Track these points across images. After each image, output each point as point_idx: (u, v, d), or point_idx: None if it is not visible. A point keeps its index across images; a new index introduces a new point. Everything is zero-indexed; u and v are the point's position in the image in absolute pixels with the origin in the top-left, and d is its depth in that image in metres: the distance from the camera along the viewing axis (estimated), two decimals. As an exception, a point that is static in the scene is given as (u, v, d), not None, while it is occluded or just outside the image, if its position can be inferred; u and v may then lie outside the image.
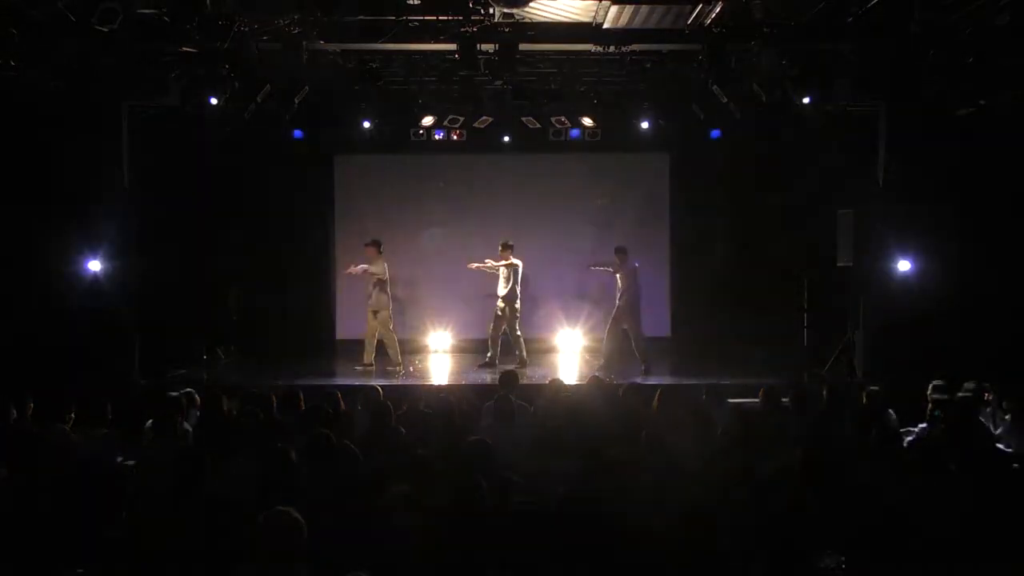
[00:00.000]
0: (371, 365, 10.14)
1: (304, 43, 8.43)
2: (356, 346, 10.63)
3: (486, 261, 10.50)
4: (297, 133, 11.25)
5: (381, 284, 10.14)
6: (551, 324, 12.42)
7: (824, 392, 6.68)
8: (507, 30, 8.32)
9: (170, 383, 9.20)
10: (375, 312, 10.14)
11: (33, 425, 6.00)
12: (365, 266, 10.07)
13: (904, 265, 8.92)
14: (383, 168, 12.69)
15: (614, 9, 7.82)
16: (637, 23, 8.31)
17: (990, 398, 6.60)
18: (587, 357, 11.75)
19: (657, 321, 12.10)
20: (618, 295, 10.23)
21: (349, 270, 10.24)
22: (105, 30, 7.36)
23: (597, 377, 7.26)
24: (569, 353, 12.14)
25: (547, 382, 6.89)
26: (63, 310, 8.79)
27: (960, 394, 6.60)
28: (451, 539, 3.46)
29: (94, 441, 5.55)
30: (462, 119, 11.56)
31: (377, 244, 10.18)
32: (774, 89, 9.98)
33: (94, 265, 8.83)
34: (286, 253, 12.65)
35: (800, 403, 6.22)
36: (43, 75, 8.21)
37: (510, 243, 10.44)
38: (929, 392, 6.66)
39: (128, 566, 3.34)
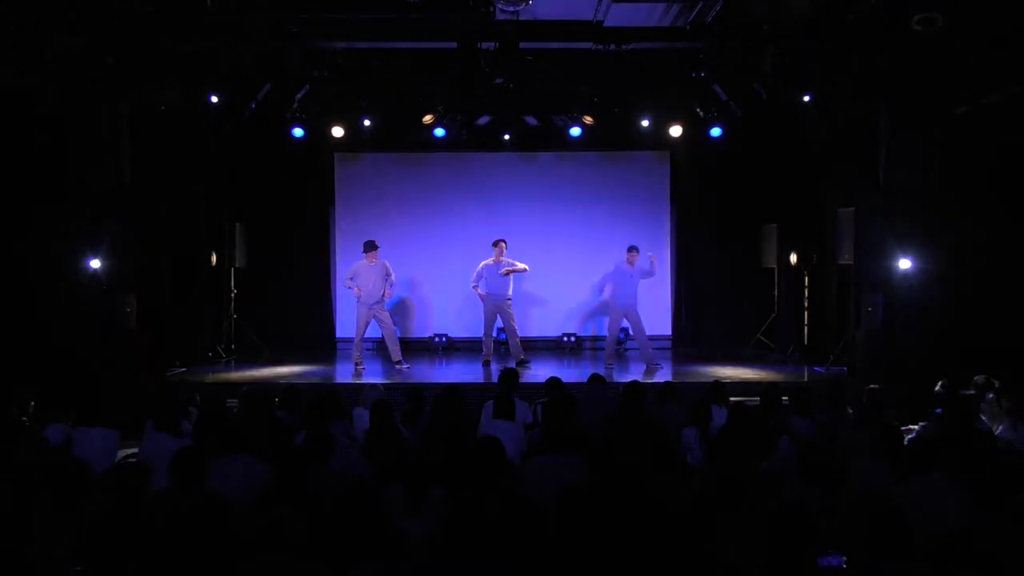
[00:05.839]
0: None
1: (305, 41, 8.45)
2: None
3: (514, 263, 10.49)
4: (297, 131, 11.23)
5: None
6: (551, 322, 12.43)
7: (824, 391, 6.69)
8: (508, 28, 8.32)
9: (171, 382, 9.23)
10: (382, 309, 10.16)
11: (34, 424, 6.02)
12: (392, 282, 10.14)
13: (904, 263, 8.92)
14: (383, 166, 12.70)
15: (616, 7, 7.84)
16: (639, 21, 8.32)
17: (992, 396, 6.60)
18: (587, 355, 11.77)
19: (658, 320, 12.12)
20: (632, 291, 10.23)
21: (390, 293, 10.24)
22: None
23: (597, 375, 7.25)
24: (569, 351, 12.15)
25: (546, 380, 6.89)
26: (64, 309, 8.79)
27: (963, 391, 6.61)
28: (451, 537, 3.46)
29: (94, 439, 5.57)
30: (463, 117, 11.56)
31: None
32: (775, 88, 9.99)
33: (95, 264, 8.83)
34: (286, 251, 12.68)
35: (800, 402, 6.22)
36: (44, 74, 8.20)
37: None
38: (937, 389, 6.66)
39: (128, 565, 3.34)
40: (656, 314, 11.85)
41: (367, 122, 11.12)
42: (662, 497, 4.00)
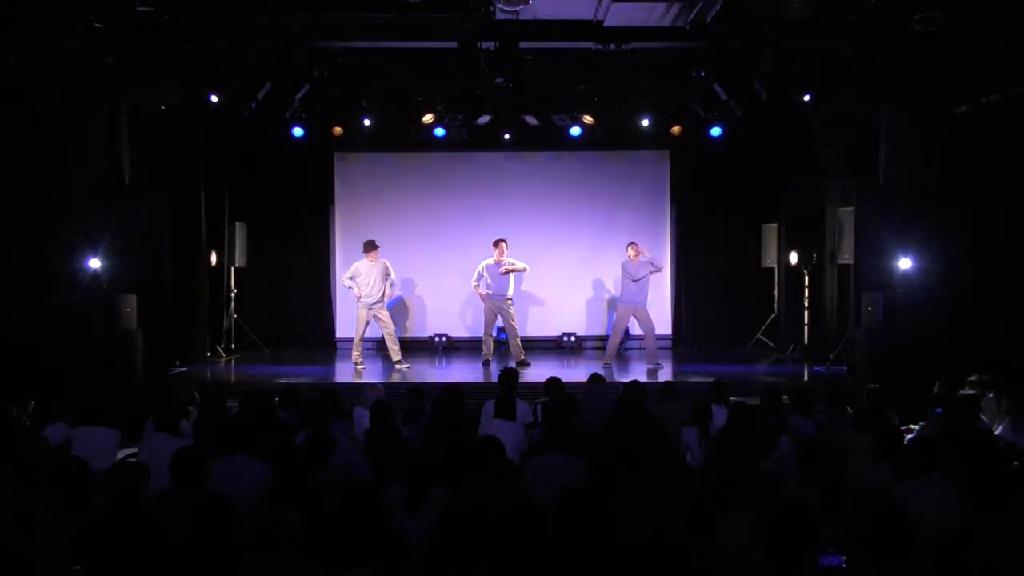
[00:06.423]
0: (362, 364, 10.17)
1: (305, 41, 8.45)
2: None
3: (514, 263, 10.48)
4: (297, 131, 11.23)
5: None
6: (551, 322, 12.43)
7: (824, 390, 6.69)
8: (508, 28, 8.31)
9: (171, 381, 9.23)
10: (382, 309, 10.17)
11: (34, 424, 6.02)
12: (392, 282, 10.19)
13: (904, 263, 8.92)
14: (383, 166, 12.70)
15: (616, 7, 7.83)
16: (639, 21, 8.31)
17: (992, 396, 6.60)
18: (587, 355, 11.77)
19: (658, 319, 12.10)
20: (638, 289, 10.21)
21: (390, 293, 10.30)
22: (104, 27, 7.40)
23: (597, 375, 7.25)
24: (569, 351, 12.16)
25: (546, 380, 6.88)
26: (64, 309, 8.79)
27: (963, 391, 6.61)
28: (451, 537, 3.46)
29: (94, 439, 5.57)
30: (463, 117, 11.56)
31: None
32: (775, 87, 9.99)
33: (94, 263, 8.83)
34: (286, 251, 12.68)
35: (800, 402, 6.22)
36: (44, 74, 8.20)
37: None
38: (935, 390, 6.67)
39: (128, 565, 3.33)
40: (656, 314, 11.79)
41: (367, 122, 11.11)
42: (662, 497, 4.00)
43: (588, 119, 11.28)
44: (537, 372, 9.66)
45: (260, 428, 5.22)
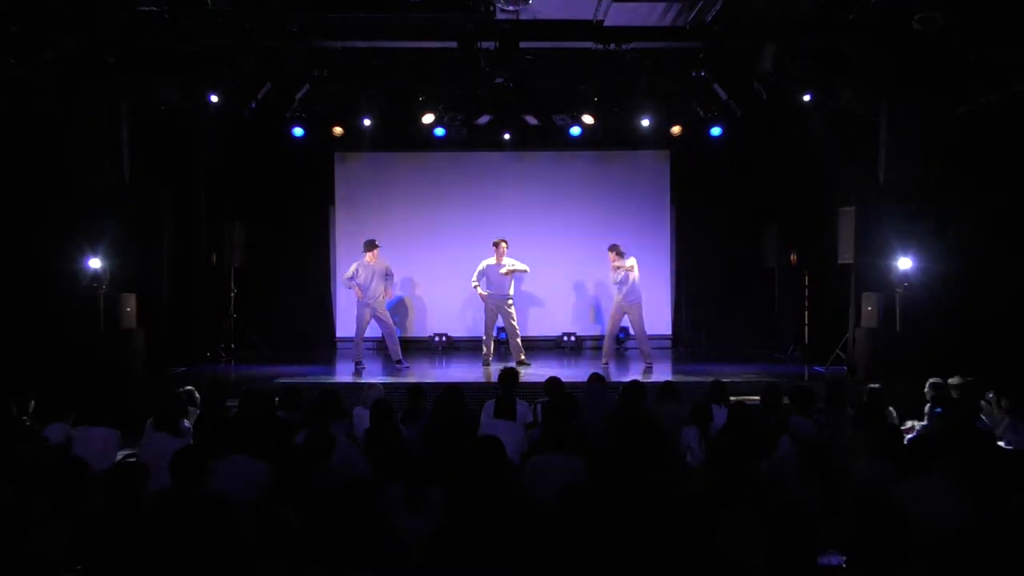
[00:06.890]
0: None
1: (305, 41, 8.46)
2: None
3: (515, 263, 10.47)
4: (297, 131, 11.23)
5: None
6: (551, 322, 12.43)
7: (824, 390, 6.69)
8: (508, 28, 8.32)
9: (171, 381, 9.22)
10: (382, 309, 10.17)
11: (34, 423, 6.02)
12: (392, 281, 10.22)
13: (904, 263, 8.92)
14: (383, 166, 12.70)
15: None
16: (639, 21, 8.32)
17: (991, 396, 6.61)
18: (587, 355, 11.77)
19: (658, 319, 12.11)
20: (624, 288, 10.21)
21: (390, 293, 10.30)
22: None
23: (597, 375, 7.25)
24: (569, 351, 12.16)
25: (546, 380, 6.89)
26: (64, 308, 8.79)
27: (953, 384, 6.63)
28: (452, 537, 3.46)
29: (94, 439, 5.57)
30: (463, 117, 11.56)
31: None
32: (775, 88, 9.99)
33: (94, 263, 8.83)
34: (286, 251, 12.68)
35: (800, 402, 6.22)
36: (44, 73, 8.20)
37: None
38: (926, 390, 6.68)
39: (128, 565, 3.34)
40: (656, 314, 11.82)
41: (367, 122, 11.11)
42: (662, 496, 4.00)
43: (588, 119, 11.28)
44: (537, 372, 9.66)
45: (260, 428, 5.22)
